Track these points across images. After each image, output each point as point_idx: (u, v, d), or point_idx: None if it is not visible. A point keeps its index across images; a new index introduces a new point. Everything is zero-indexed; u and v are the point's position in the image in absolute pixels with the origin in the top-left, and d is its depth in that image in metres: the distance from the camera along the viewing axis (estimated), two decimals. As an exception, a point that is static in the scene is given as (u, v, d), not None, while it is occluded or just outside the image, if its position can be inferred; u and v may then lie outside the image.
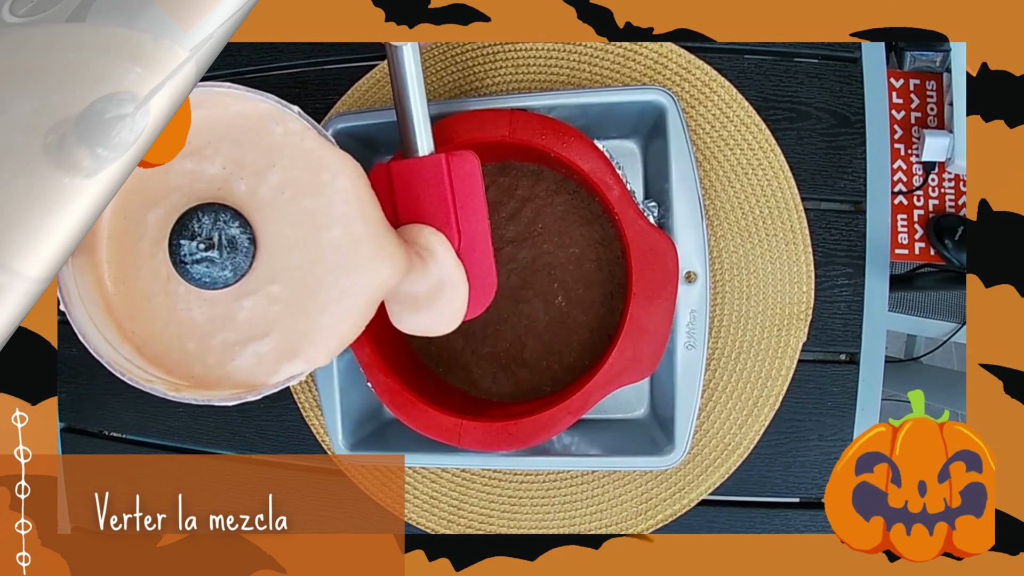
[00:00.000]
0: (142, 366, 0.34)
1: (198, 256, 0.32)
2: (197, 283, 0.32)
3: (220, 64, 0.66)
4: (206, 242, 0.32)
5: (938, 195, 0.79)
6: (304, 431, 0.58)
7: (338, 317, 0.33)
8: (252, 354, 0.33)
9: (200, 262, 0.32)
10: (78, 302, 0.33)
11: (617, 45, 0.53)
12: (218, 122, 0.33)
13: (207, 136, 0.33)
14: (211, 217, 0.32)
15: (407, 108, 0.39)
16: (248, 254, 0.32)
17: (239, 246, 0.32)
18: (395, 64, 0.38)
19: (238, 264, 0.32)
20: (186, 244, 0.32)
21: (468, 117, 0.45)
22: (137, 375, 0.33)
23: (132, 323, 0.34)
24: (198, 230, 0.32)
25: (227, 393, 0.34)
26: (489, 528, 0.55)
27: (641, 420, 0.52)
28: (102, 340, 0.33)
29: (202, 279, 0.32)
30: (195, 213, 0.32)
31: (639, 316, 0.43)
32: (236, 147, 0.33)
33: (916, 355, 1.05)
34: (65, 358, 0.62)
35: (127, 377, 0.33)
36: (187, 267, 0.32)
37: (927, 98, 0.79)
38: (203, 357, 0.34)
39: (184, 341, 0.34)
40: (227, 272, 0.32)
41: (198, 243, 0.32)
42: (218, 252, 0.32)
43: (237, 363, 0.34)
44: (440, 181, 0.39)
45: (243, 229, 0.32)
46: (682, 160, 0.46)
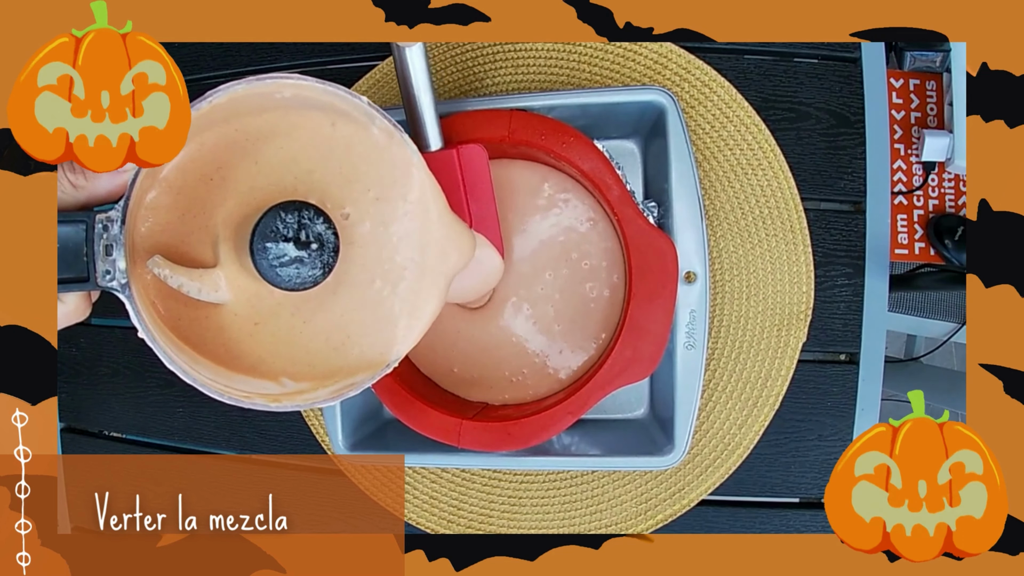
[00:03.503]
0: (261, 388, 0.34)
1: (286, 259, 0.31)
2: (286, 285, 0.31)
3: (220, 64, 0.67)
4: (296, 242, 0.31)
5: (938, 195, 0.79)
6: (304, 431, 0.58)
7: (421, 303, 0.35)
8: (357, 345, 0.35)
9: (290, 264, 0.31)
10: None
11: (617, 45, 0.53)
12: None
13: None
14: (295, 216, 0.31)
15: (417, 108, 0.40)
16: (336, 250, 0.31)
17: (326, 243, 0.31)
18: (404, 65, 0.39)
19: (326, 261, 0.31)
20: (273, 247, 0.30)
21: (468, 117, 0.45)
22: (239, 395, 0.32)
23: (276, 361, 0.35)
24: (284, 231, 0.31)
25: (327, 392, 0.34)
26: (489, 528, 0.55)
27: (641, 420, 0.52)
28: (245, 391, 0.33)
29: (291, 280, 0.31)
30: (277, 213, 0.30)
31: (639, 316, 0.43)
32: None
33: (916, 355, 1.05)
34: (65, 358, 0.62)
35: (231, 399, 0.32)
36: (276, 270, 0.30)
37: (927, 98, 0.79)
38: (325, 358, 0.35)
39: (307, 352, 0.35)
40: (317, 271, 0.31)
41: (288, 244, 0.30)
42: (307, 252, 0.31)
43: (351, 352, 0.35)
44: (453, 172, 0.41)
45: (328, 225, 0.31)
46: (682, 160, 0.46)
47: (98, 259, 0.30)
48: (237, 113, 0.33)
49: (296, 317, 0.34)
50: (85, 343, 0.62)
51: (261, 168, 0.34)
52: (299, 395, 0.34)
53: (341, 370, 0.35)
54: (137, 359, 0.61)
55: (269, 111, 0.33)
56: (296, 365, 0.34)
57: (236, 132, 0.33)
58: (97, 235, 0.30)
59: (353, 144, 0.34)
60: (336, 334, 0.35)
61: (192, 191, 0.33)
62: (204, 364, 0.33)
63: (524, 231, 0.48)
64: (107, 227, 0.30)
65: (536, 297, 0.48)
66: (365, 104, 0.33)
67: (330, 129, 0.34)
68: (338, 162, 0.34)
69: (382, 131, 0.34)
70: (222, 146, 0.33)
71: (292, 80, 0.32)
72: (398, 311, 0.35)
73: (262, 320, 0.34)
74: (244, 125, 0.33)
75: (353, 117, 0.33)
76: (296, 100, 0.33)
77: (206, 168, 0.33)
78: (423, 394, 0.47)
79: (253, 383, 0.34)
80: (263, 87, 0.32)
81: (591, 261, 0.47)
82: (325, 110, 0.33)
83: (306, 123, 0.34)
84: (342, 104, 0.33)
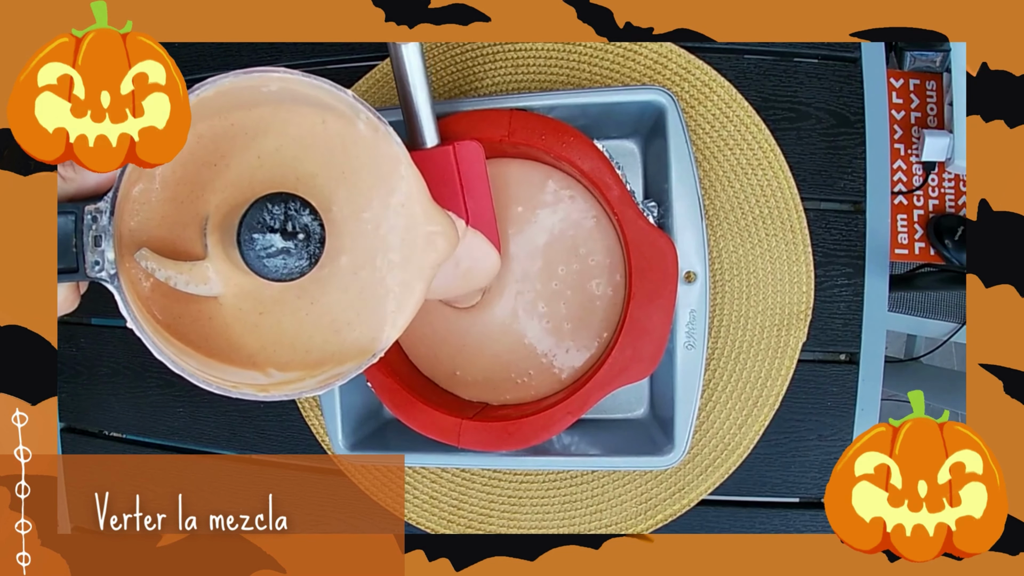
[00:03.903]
0: (251, 379, 0.34)
1: (273, 249, 0.31)
2: (272, 276, 0.31)
3: (220, 64, 0.67)
4: (282, 233, 0.31)
5: (938, 195, 0.79)
6: (304, 431, 0.58)
7: (408, 291, 0.36)
8: (345, 334, 0.35)
9: (276, 255, 0.31)
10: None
11: (617, 45, 0.53)
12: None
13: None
14: (281, 208, 0.31)
15: (413, 105, 0.40)
16: (322, 241, 0.32)
17: (313, 234, 0.31)
18: (400, 62, 0.39)
19: (312, 252, 0.31)
20: (260, 238, 0.31)
21: (468, 117, 0.45)
22: (227, 385, 0.33)
23: (273, 350, 0.35)
24: (271, 222, 0.31)
25: (314, 382, 0.34)
26: (489, 528, 0.55)
27: (641, 420, 0.52)
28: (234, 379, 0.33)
29: (278, 271, 0.31)
30: (263, 205, 0.31)
31: (639, 316, 0.43)
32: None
33: (916, 355, 1.05)
34: (65, 358, 0.62)
35: (218, 388, 0.32)
36: (263, 261, 0.31)
37: (927, 98, 0.79)
38: (320, 345, 0.35)
39: (306, 341, 0.35)
40: (303, 262, 0.31)
41: (274, 235, 0.31)
42: (294, 242, 0.31)
43: (339, 342, 0.35)
44: (449, 168, 0.42)
45: (314, 216, 0.31)
46: (682, 160, 0.46)
47: (87, 250, 0.31)
48: (227, 107, 0.33)
49: (286, 308, 0.35)
50: (85, 343, 0.62)
51: (263, 163, 0.34)
52: (287, 385, 0.34)
53: (330, 359, 0.35)
54: (137, 359, 0.61)
55: (260, 106, 0.33)
56: (286, 355, 0.35)
57: (232, 127, 0.33)
58: (87, 226, 0.30)
59: (342, 138, 0.34)
60: (326, 324, 0.35)
61: (184, 183, 0.33)
62: (191, 354, 0.33)
63: (534, 223, 0.48)
64: (96, 218, 0.31)
65: (551, 293, 0.48)
66: (350, 97, 0.33)
67: (321, 126, 0.34)
68: (329, 156, 0.35)
69: (367, 125, 0.34)
70: (220, 138, 0.33)
71: (278, 74, 0.32)
72: (386, 300, 0.35)
73: (249, 310, 0.35)
74: (238, 119, 0.33)
75: (340, 111, 0.34)
76: (284, 94, 0.33)
77: (208, 157, 0.33)
78: (423, 394, 0.47)
79: (241, 374, 0.34)
80: (250, 80, 0.32)
81: (597, 257, 0.48)
82: (314, 106, 0.34)
83: (297, 119, 0.34)
84: (327, 98, 0.33)
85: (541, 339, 0.48)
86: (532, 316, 0.48)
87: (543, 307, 0.48)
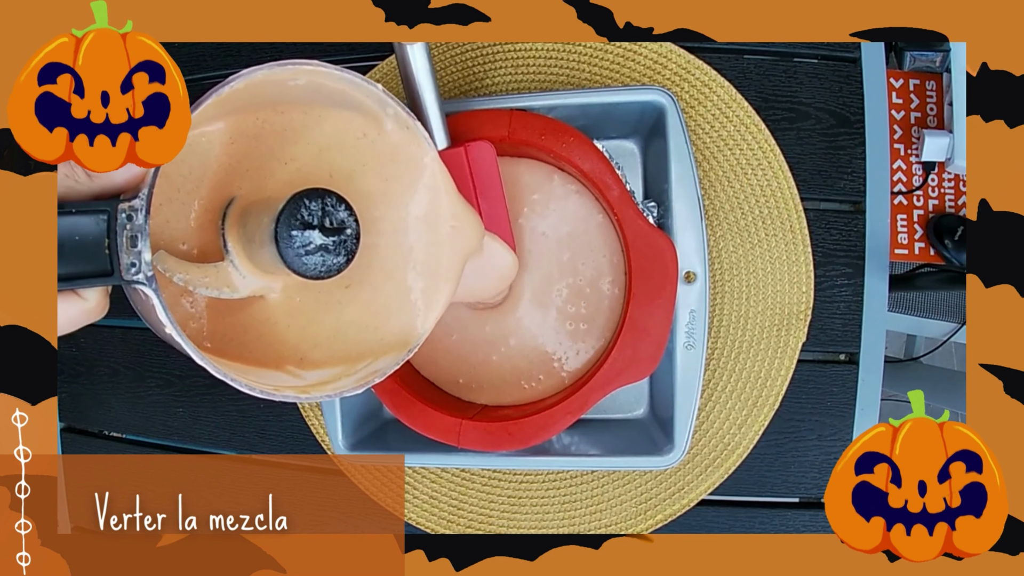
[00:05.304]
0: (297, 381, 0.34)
1: (312, 246, 0.30)
2: (311, 273, 0.30)
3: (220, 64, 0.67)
4: (321, 229, 0.30)
5: (938, 195, 0.79)
6: (304, 431, 0.58)
7: (439, 285, 0.36)
8: (381, 330, 0.36)
9: (315, 252, 0.30)
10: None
11: (617, 45, 0.53)
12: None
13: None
14: (318, 203, 0.30)
15: (423, 106, 0.40)
16: (357, 237, 0.31)
17: (349, 229, 0.31)
18: (407, 64, 0.39)
19: (349, 248, 0.31)
20: (298, 235, 0.30)
21: (468, 117, 0.45)
22: (269, 388, 0.32)
23: (314, 352, 0.35)
24: (308, 218, 0.30)
25: (352, 380, 0.34)
26: (489, 528, 0.55)
27: (641, 420, 0.52)
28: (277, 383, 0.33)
29: (316, 268, 0.30)
30: (301, 201, 0.30)
31: (638, 316, 0.43)
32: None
33: (916, 355, 1.05)
34: (65, 358, 0.62)
35: (261, 392, 0.31)
36: (302, 259, 0.30)
37: (927, 98, 0.79)
38: (356, 343, 0.36)
39: (343, 338, 0.35)
40: (340, 258, 0.31)
41: (312, 231, 0.30)
42: (332, 239, 0.30)
43: (376, 339, 0.36)
44: (462, 170, 0.41)
45: (349, 212, 0.31)
46: (681, 160, 0.46)
47: (122, 251, 0.28)
48: (256, 102, 0.32)
49: (319, 306, 0.35)
50: (85, 343, 0.62)
51: (296, 161, 0.34)
52: (326, 385, 0.33)
53: (368, 353, 0.35)
54: (137, 359, 0.60)
55: (290, 103, 0.33)
56: (323, 354, 0.35)
57: (261, 123, 0.33)
58: (120, 225, 0.28)
59: (372, 135, 0.35)
60: (361, 322, 0.36)
61: (204, 182, 0.33)
62: (227, 363, 0.33)
63: (547, 221, 0.48)
64: (131, 217, 0.28)
65: (574, 292, 0.48)
66: (379, 91, 0.33)
67: (351, 123, 0.34)
68: (360, 153, 0.35)
69: (396, 120, 0.34)
70: (249, 135, 0.33)
71: (309, 67, 0.31)
72: (418, 295, 0.36)
73: (286, 311, 0.34)
74: (266, 116, 0.33)
75: (368, 107, 0.34)
76: (313, 89, 0.33)
77: (231, 155, 0.33)
78: (423, 394, 0.47)
79: (279, 377, 0.34)
80: (282, 73, 0.31)
81: (607, 254, 0.48)
82: (344, 102, 0.34)
83: (330, 116, 0.34)
84: (356, 92, 0.33)
85: (561, 341, 0.48)
86: (555, 317, 0.48)
87: (571, 308, 0.48)
